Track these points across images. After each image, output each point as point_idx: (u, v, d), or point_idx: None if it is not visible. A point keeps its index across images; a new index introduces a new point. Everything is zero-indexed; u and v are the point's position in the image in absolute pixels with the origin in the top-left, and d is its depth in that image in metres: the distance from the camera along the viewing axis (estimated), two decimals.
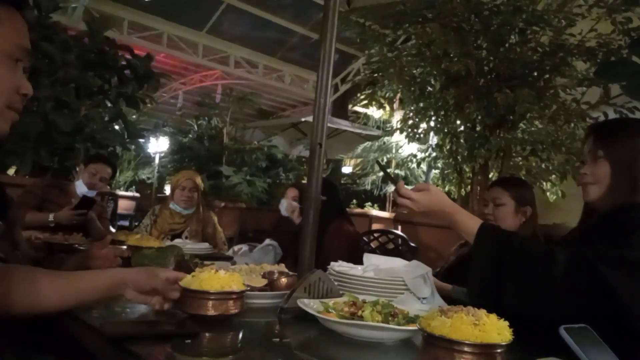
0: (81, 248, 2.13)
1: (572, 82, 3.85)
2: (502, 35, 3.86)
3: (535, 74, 3.93)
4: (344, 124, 8.21)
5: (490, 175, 4.13)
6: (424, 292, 1.51)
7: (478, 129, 4.08)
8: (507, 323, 0.94)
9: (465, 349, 0.89)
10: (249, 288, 1.22)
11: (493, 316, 0.94)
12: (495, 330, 0.91)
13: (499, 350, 0.91)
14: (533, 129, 3.97)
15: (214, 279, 1.15)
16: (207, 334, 1.09)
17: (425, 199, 1.32)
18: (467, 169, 4.40)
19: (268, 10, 8.77)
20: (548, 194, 4.22)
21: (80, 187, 2.93)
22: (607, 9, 3.55)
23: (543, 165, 4.02)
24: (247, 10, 8.73)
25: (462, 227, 1.31)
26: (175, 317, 1.15)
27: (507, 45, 3.89)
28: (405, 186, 1.37)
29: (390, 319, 1.15)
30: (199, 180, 3.04)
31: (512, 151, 4.02)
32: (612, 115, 3.67)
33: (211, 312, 1.12)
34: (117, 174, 10.62)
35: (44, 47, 4.16)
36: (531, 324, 1.17)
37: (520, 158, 4.11)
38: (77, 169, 3.07)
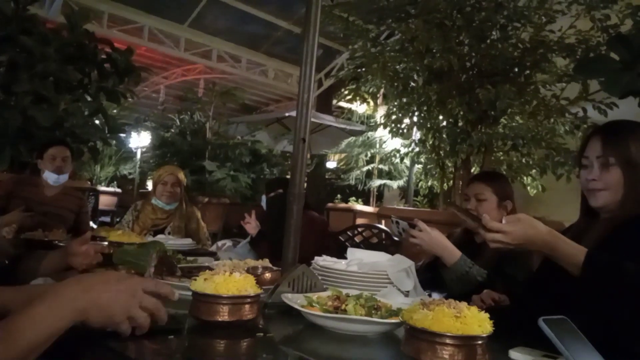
0: (61, 244, 2.10)
1: (552, 78, 3.91)
2: (483, 32, 3.90)
3: (516, 69, 3.98)
4: (328, 119, 8.21)
5: (472, 170, 4.18)
6: (407, 286, 1.52)
7: (460, 124, 4.12)
8: (487, 315, 0.95)
9: (447, 340, 0.90)
10: (263, 291, 1.17)
11: (474, 308, 0.96)
12: (476, 322, 0.92)
13: (479, 342, 0.93)
14: (514, 124, 4.02)
15: (230, 282, 1.10)
16: (189, 330, 1.09)
17: (520, 230, 1.21)
18: (450, 164, 4.44)
19: (251, 4, 8.69)
20: (528, 188, 4.29)
21: (50, 177, 2.88)
22: (586, 6, 3.62)
23: (524, 160, 4.08)
24: (230, 4, 8.64)
25: (563, 257, 1.19)
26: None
27: (488, 41, 3.94)
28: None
29: (373, 312, 1.16)
30: (181, 175, 3.01)
31: (494, 146, 4.08)
32: (590, 110, 3.74)
33: (226, 318, 1.07)
34: (98, 167, 10.50)
35: (22, 40, 4.08)
36: (512, 316, 1.20)
37: (501, 153, 4.17)
38: (37, 162, 2.97)
